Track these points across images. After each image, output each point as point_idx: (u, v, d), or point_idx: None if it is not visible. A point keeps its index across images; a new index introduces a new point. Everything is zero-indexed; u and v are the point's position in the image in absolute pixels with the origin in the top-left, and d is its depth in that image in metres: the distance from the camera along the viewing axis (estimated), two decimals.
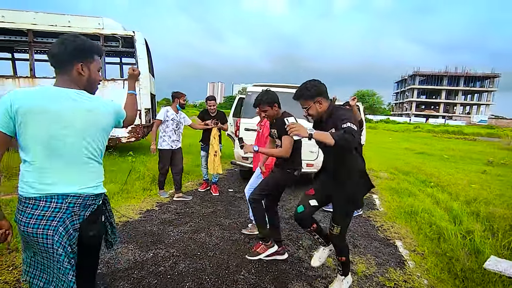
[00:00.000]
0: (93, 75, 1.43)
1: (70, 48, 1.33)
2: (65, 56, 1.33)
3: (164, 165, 4.48)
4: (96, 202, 1.38)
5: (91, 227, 1.37)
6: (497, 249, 3.18)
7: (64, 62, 1.34)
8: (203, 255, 2.92)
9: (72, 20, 6.57)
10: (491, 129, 35.33)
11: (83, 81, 1.40)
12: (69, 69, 1.35)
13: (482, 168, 8.77)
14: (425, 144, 16.96)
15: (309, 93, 2.11)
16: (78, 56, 1.36)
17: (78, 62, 1.36)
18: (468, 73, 64.49)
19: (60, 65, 1.35)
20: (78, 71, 1.36)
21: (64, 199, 1.28)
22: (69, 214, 1.29)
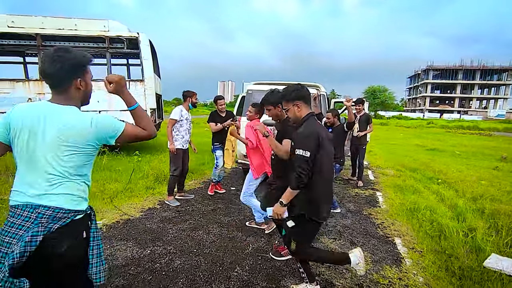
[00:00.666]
0: (89, 87, 1.41)
1: (67, 66, 1.29)
2: (63, 74, 1.30)
3: (177, 166, 4.29)
4: (70, 216, 1.28)
5: (60, 242, 1.24)
6: (499, 246, 3.11)
7: (62, 81, 1.31)
8: (199, 252, 2.96)
9: (78, 23, 6.75)
10: (508, 123, 34.16)
11: (80, 95, 1.38)
12: (67, 87, 1.32)
13: (494, 164, 8.51)
14: (438, 140, 16.56)
15: (289, 96, 2.16)
16: (76, 72, 1.33)
17: (77, 78, 1.33)
18: (484, 66, 62.43)
19: (57, 85, 1.32)
20: (76, 87, 1.35)
21: (35, 209, 1.24)
22: (36, 224, 1.22)
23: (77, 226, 1.31)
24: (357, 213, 4.29)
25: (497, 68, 61.87)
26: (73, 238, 1.29)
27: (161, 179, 5.27)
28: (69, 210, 1.28)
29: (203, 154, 7.85)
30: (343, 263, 2.33)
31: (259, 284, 2.48)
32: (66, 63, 1.28)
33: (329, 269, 2.74)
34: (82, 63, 1.35)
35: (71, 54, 1.30)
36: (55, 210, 1.26)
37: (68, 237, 1.27)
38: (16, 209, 1.26)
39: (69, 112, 1.30)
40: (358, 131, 5.78)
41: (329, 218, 4.00)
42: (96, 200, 4.18)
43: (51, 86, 1.33)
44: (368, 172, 7.11)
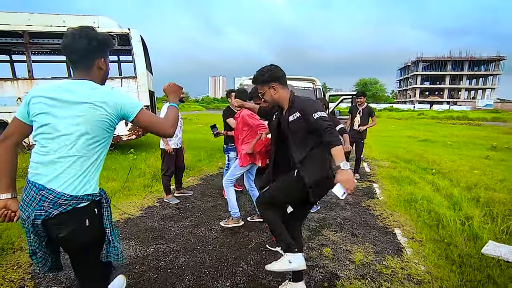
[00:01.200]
0: (108, 68, 1.46)
1: (95, 43, 1.31)
2: (88, 51, 1.32)
3: (169, 166, 4.22)
4: (71, 203, 1.26)
5: (59, 227, 1.26)
6: (495, 234, 3.19)
7: (86, 58, 1.33)
8: (202, 248, 2.96)
9: (67, 19, 6.57)
10: (496, 113, 34.92)
11: (101, 75, 1.41)
12: (90, 65, 1.35)
13: (486, 154, 8.70)
14: (429, 131, 16.83)
15: (262, 78, 2.03)
16: (101, 51, 1.36)
17: (100, 57, 1.37)
18: (472, 57, 63.35)
19: (80, 61, 1.33)
20: (99, 66, 1.37)
21: (41, 191, 1.24)
22: (40, 207, 1.24)
23: (78, 213, 1.29)
24: (356, 205, 4.34)
25: (485, 59, 62.86)
26: (73, 225, 1.28)
27: (158, 176, 5.22)
28: (71, 197, 1.26)
29: (199, 150, 7.83)
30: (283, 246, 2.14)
31: (265, 279, 2.50)
32: (94, 40, 1.31)
33: (333, 261, 2.78)
34: (107, 43, 1.39)
35: (98, 33, 1.35)
36: (57, 195, 1.24)
37: (68, 224, 1.27)
38: (27, 184, 1.30)
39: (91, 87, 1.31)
40: (359, 125, 5.66)
41: (329, 211, 4.05)
42: None
43: (73, 63, 1.34)
44: (363, 164, 7.19)
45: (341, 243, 3.15)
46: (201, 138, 10.89)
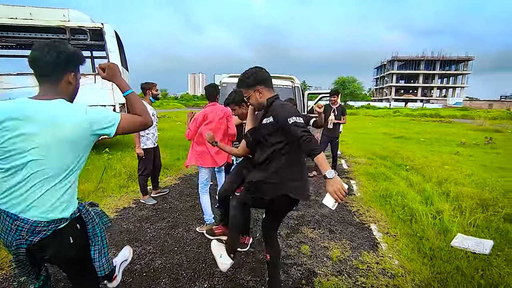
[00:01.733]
0: (78, 83, 1.37)
1: (64, 57, 1.24)
2: (58, 65, 1.24)
3: (147, 166, 4.09)
4: (50, 228, 1.21)
5: (43, 251, 1.24)
6: (464, 227, 3.35)
7: (55, 72, 1.25)
8: (180, 250, 2.91)
9: (34, 12, 6.20)
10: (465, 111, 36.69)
11: (70, 90, 1.33)
12: (59, 79, 1.27)
13: (455, 150, 9.12)
14: (404, 128, 17.43)
15: (248, 81, 1.95)
16: (70, 65, 1.29)
17: (70, 72, 1.30)
18: (443, 57, 66.34)
19: (49, 74, 1.25)
20: (68, 81, 1.30)
21: (15, 221, 1.17)
22: (18, 236, 1.18)
23: (60, 234, 1.25)
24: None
25: (455, 59, 65.99)
26: (57, 246, 1.26)
27: (134, 177, 5.07)
28: (48, 222, 1.21)
29: (177, 149, 7.68)
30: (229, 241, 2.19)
31: (243, 279, 2.48)
32: (64, 54, 1.24)
33: (311, 258, 2.81)
34: (78, 58, 1.32)
35: (68, 46, 1.28)
36: (33, 224, 1.18)
37: (51, 246, 1.24)
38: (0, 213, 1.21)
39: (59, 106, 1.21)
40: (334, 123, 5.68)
41: (308, 209, 4.10)
42: None
43: (40, 76, 1.25)
44: (341, 161, 7.33)
45: (319, 240, 3.19)
46: (179, 136, 10.70)
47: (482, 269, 2.53)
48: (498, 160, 7.80)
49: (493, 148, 9.88)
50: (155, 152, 4.21)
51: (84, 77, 6.50)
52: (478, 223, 3.42)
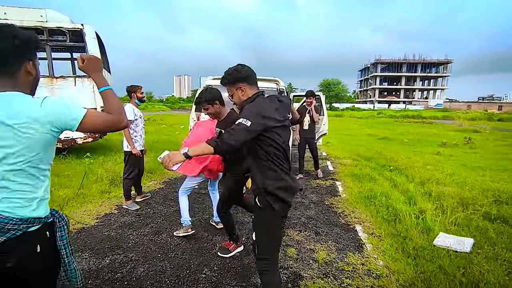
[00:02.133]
0: (38, 72, 1.22)
1: (19, 42, 1.08)
2: (14, 53, 1.09)
3: (134, 169, 4.03)
4: (21, 228, 1.10)
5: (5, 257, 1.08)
6: (445, 225, 3.42)
7: (11, 61, 1.10)
8: (163, 256, 2.83)
9: (8, 11, 5.96)
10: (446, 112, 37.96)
11: (30, 81, 1.18)
12: (16, 69, 1.11)
13: (437, 150, 9.38)
14: (387, 129, 17.83)
15: (228, 78, 1.88)
16: (27, 52, 1.13)
17: (28, 60, 1.14)
18: (424, 60, 68.45)
19: (4, 65, 1.09)
20: (26, 71, 1.14)
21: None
22: None
23: (28, 239, 1.12)
24: (319, 204, 4.43)
25: (435, 62, 68.23)
26: (22, 252, 1.11)
27: (117, 182, 4.94)
28: (20, 221, 1.09)
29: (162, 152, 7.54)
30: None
31: (229, 284, 2.44)
32: (17, 39, 1.07)
33: (297, 261, 2.79)
34: (34, 43, 1.16)
35: (21, 31, 1.10)
36: (4, 220, 1.07)
37: (17, 251, 1.10)
38: None
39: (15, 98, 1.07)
40: (309, 124, 5.72)
41: (294, 211, 4.09)
42: None
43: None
44: (327, 162, 7.40)
45: (305, 243, 3.18)
46: (164, 139, 10.54)
47: (464, 267, 2.58)
48: (477, 159, 8.07)
49: (472, 148, 10.23)
50: (141, 155, 4.14)
51: (63, 80, 6.31)
52: (459, 221, 3.50)
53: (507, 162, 7.67)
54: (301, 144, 5.88)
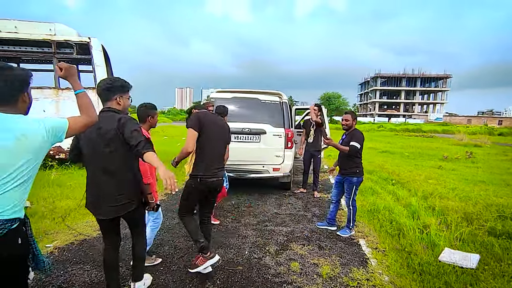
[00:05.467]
0: (31, 98, 1.46)
1: (14, 83, 1.34)
2: (11, 91, 1.34)
3: None
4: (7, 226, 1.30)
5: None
6: (450, 241, 3.39)
7: (10, 97, 1.35)
8: (166, 270, 2.80)
9: (19, 25, 6.12)
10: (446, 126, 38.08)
11: (25, 107, 1.43)
12: (14, 101, 1.36)
13: (438, 164, 9.36)
14: (388, 142, 17.83)
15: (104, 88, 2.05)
16: (22, 88, 1.38)
17: (23, 93, 1.39)
18: (423, 74, 69.21)
19: (5, 100, 1.34)
20: (23, 101, 1.40)
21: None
22: None
23: (13, 234, 1.34)
24: (322, 217, 4.40)
25: (434, 76, 68.96)
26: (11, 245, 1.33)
27: None
28: (7, 220, 1.30)
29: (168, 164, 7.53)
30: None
31: None
32: (12, 80, 1.33)
33: (301, 276, 2.76)
34: (27, 79, 1.40)
35: (16, 71, 1.37)
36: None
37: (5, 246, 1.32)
38: None
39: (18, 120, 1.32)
40: (314, 137, 5.62)
41: (297, 224, 4.06)
42: (46, 220, 3.76)
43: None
44: (329, 176, 7.37)
45: (309, 257, 3.15)
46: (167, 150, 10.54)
47: (471, 283, 2.55)
48: (479, 174, 8.04)
49: (473, 162, 10.21)
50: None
51: (69, 91, 6.39)
52: (464, 237, 3.47)
53: (509, 177, 7.64)
54: (306, 158, 5.77)
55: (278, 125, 5.16)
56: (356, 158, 3.77)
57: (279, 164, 5.13)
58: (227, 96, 5.35)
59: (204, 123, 2.66)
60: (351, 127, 3.88)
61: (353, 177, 3.77)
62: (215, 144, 2.76)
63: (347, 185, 3.82)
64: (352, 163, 3.78)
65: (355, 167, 3.78)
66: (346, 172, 3.83)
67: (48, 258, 1.56)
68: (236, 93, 5.43)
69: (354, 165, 3.78)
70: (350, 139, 3.73)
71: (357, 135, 3.77)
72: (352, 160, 3.77)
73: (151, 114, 2.78)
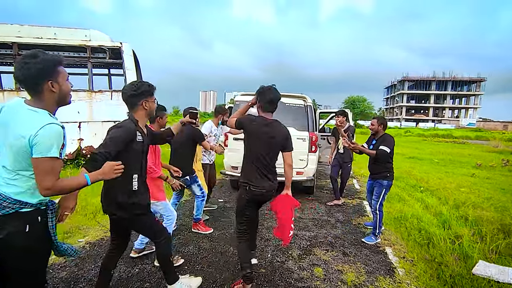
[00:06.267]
0: (63, 87, 1.45)
1: (34, 71, 1.34)
2: (32, 79, 1.36)
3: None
4: (14, 207, 1.36)
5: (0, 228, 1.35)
6: (485, 253, 3.20)
7: (33, 85, 1.37)
8: (190, 269, 2.85)
9: (58, 32, 6.53)
10: (479, 132, 36.04)
11: (55, 97, 1.43)
12: (40, 90, 1.38)
13: (471, 172, 8.88)
14: (416, 148, 17.18)
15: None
16: (44, 76, 1.37)
17: (47, 82, 1.38)
18: (455, 77, 66.03)
19: (30, 88, 1.38)
20: (49, 89, 1.39)
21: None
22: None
23: (19, 218, 1.37)
24: (346, 223, 4.31)
25: (467, 80, 65.59)
26: (12, 228, 1.35)
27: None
28: (15, 201, 1.35)
29: None
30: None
31: None
32: (33, 69, 1.33)
33: (325, 282, 2.72)
34: (52, 64, 1.39)
35: (37, 59, 1.35)
36: (3, 198, 1.34)
37: (8, 226, 1.35)
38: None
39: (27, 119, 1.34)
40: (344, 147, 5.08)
41: (320, 229, 4.00)
42: (78, 215, 3.97)
43: (26, 90, 1.40)
44: (353, 181, 7.22)
45: (333, 263, 3.09)
46: None
47: None
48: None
49: (510, 171, 9.58)
50: (210, 169, 4.41)
51: (101, 94, 6.71)
52: (500, 249, 3.26)
53: None
54: (335, 166, 5.34)
55: (302, 129, 5.11)
56: (387, 163, 3.69)
57: (303, 168, 5.08)
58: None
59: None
60: (377, 131, 3.79)
61: (383, 180, 3.69)
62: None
63: (377, 188, 3.74)
64: (382, 167, 3.70)
65: (385, 171, 3.69)
66: (376, 177, 3.77)
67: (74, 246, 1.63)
68: None
69: (384, 170, 3.69)
70: (380, 143, 3.66)
71: (388, 139, 3.69)
72: (382, 165, 3.69)
73: (160, 115, 2.85)
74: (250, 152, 2.51)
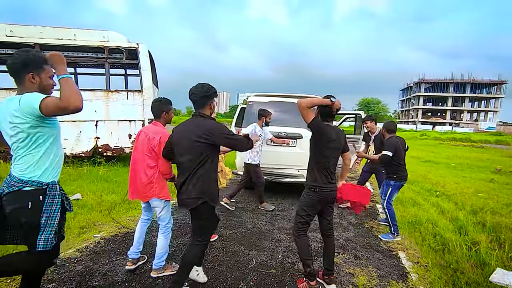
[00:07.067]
0: (43, 82, 1.70)
1: (20, 61, 1.62)
2: (17, 68, 1.63)
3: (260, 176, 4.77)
4: (18, 185, 1.60)
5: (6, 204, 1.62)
6: (503, 261, 3.10)
7: (17, 73, 1.64)
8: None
9: (78, 33, 6.74)
10: (499, 136, 34.77)
11: (35, 88, 1.66)
12: (23, 79, 1.64)
13: (490, 177, 8.59)
14: (432, 152, 16.73)
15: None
16: (27, 67, 1.63)
17: (28, 72, 1.64)
18: (474, 79, 64.00)
19: (14, 76, 1.66)
20: (29, 80, 1.65)
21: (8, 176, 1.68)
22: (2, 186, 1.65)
23: (22, 195, 1.61)
24: (358, 226, 4.26)
25: (487, 82, 63.46)
26: (16, 204, 1.60)
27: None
28: (18, 180, 1.61)
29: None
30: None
31: None
32: (20, 58, 1.62)
33: (336, 284, 2.69)
34: (37, 60, 1.65)
35: (25, 53, 1.63)
36: (12, 177, 1.63)
37: (12, 202, 1.61)
38: None
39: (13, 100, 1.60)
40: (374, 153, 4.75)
41: None
42: (94, 212, 4.08)
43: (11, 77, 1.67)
44: (366, 184, 7.10)
45: (344, 266, 3.06)
46: None
47: None
48: None
49: None
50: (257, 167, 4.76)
51: (118, 93, 6.87)
52: None
53: None
54: (366, 172, 5.01)
55: None
56: (393, 166, 3.79)
57: None
58: (265, 100, 5.39)
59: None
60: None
61: (391, 180, 3.85)
62: None
63: (385, 186, 3.94)
64: (389, 169, 3.85)
65: (392, 173, 3.84)
66: (385, 176, 3.99)
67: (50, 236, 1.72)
68: (273, 97, 5.46)
69: (391, 172, 3.84)
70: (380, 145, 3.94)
71: (386, 143, 3.85)
72: (389, 167, 3.84)
73: (166, 109, 2.72)
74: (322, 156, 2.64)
